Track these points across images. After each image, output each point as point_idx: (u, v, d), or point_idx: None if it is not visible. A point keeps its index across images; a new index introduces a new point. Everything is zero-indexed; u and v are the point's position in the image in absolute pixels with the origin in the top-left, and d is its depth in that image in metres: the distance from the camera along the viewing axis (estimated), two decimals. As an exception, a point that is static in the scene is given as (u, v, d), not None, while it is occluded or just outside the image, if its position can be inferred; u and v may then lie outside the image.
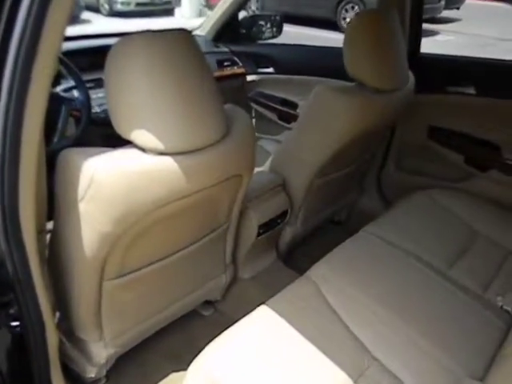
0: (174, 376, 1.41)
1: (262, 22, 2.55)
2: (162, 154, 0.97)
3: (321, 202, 1.84)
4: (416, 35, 1.96)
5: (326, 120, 1.48)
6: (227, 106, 1.15)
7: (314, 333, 1.11)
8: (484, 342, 1.19)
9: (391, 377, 1.07)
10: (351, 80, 1.53)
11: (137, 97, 0.93)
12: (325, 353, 1.07)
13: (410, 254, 1.45)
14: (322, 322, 1.17)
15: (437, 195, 1.77)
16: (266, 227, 1.58)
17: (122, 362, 1.38)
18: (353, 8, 8.78)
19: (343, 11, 8.93)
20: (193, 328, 1.58)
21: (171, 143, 0.96)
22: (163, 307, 1.38)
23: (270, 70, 2.43)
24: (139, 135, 0.95)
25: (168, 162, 0.98)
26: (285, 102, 2.35)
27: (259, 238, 1.58)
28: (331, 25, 8.69)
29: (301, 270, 1.69)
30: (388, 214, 1.67)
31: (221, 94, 1.06)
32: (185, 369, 1.07)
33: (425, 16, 2.02)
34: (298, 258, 1.91)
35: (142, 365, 1.44)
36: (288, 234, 1.78)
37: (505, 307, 1.32)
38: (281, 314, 1.15)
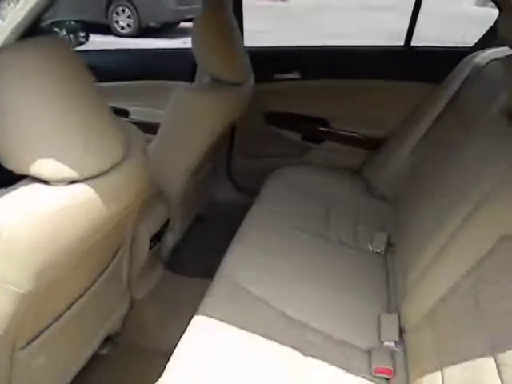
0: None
1: (56, 29, 2.34)
2: (72, 182, 0.85)
3: (193, 203, 1.84)
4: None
5: (193, 120, 1.49)
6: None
7: (251, 326, 1.14)
8: (377, 280, 1.42)
9: (330, 339, 1.18)
10: (182, 79, 1.58)
11: (26, 121, 0.79)
12: (269, 340, 1.12)
13: (293, 227, 1.60)
14: (254, 313, 1.21)
15: (287, 172, 1.97)
16: (155, 239, 1.51)
17: None
18: (123, 11, 8.65)
19: (114, 14, 8.72)
20: (100, 372, 1.42)
21: (82, 168, 0.84)
22: (77, 356, 1.22)
23: (91, 79, 2.26)
24: (42, 166, 0.81)
25: (83, 189, 0.86)
26: (115, 111, 2.23)
27: (150, 251, 1.51)
28: (105, 28, 8.38)
29: (190, 273, 1.69)
30: (261, 200, 1.78)
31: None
32: None
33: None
34: (183, 262, 1.88)
35: None
36: (170, 241, 1.74)
37: (375, 250, 1.58)
38: (215, 319, 1.14)
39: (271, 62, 2.08)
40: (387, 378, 1.10)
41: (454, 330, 0.98)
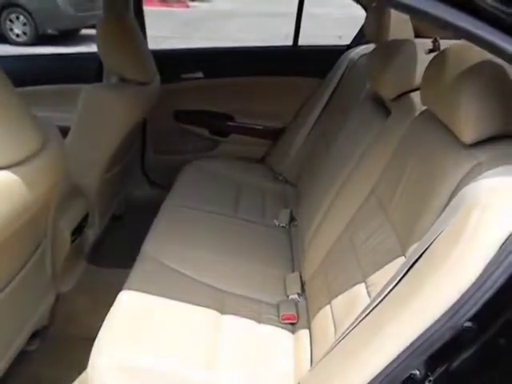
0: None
1: None
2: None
3: (110, 199, 1.93)
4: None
5: (102, 117, 1.60)
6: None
7: (173, 295, 1.27)
8: (282, 249, 1.64)
9: (244, 298, 1.36)
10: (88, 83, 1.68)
11: None
12: (189, 305, 1.26)
13: (206, 211, 1.76)
14: (174, 285, 1.35)
15: (198, 165, 2.13)
16: (76, 233, 1.59)
17: None
18: (18, 18, 8.22)
19: (8, 22, 8.25)
20: (31, 367, 1.47)
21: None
22: (4, 350, 1.26)
23: None
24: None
25: (4, 175, 0.94)
26: None
27: (72, 244, 1.58)
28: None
29: (112, 266, 1.78)
30: (172, 191, 1.91)
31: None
32: None
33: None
34: (104, 256, 1.95)
35: None
36: (90, 236, 1.81)
37: (281, 225, 1.80)
38: (139, 293, 1.26)
39: (176, 63, 2.23)
40: (293, 323, 1.31)
41: (338, 272, 1.21)
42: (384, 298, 0.84)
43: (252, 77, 2.25)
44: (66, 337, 1.58)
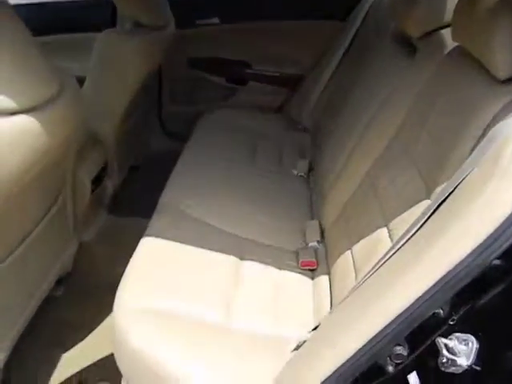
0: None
1: None
2: (12, 114, 0.93)
3: (128, 149, 1.92)
4: None
5: (118, 65, 1.56)
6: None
7: (193, 242, 1.27)
8: (301, 197, 1.63)
9: (263, 246, 1.36)
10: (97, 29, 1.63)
11: None
12: (209, 251, 1.26)
13: (224, 160, 1.74)
14: (195, 232, 1.34)
15: (215, 115, 2.10)
16: (96, 182, 1.60)
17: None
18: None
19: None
20: (56, 312, 1.52)
21: (20, 100, 0.92)
22: (31, 295, 1.30)
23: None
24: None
25: (22, 120, 0.94)
26: None
27: (92, 193, 1.59)
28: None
29: (131, 215, 1.79)
30: (190, 142, 1.89)
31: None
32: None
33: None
34: (123, 206, 1.97)
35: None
36: (110, 186, 1.82)
37: (299, 174, 1.78)
38: (161, 243, 1.26)
39: (191, 9, 2.14)
40: (312, 270, 1.31)
41: (359, 218, 1.19)
42: (407, 240, 0.82)
43: (270, 21, 2.15)
44: (90, 283, 1.63)
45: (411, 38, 1.36)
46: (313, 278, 1.28)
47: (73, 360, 1.38)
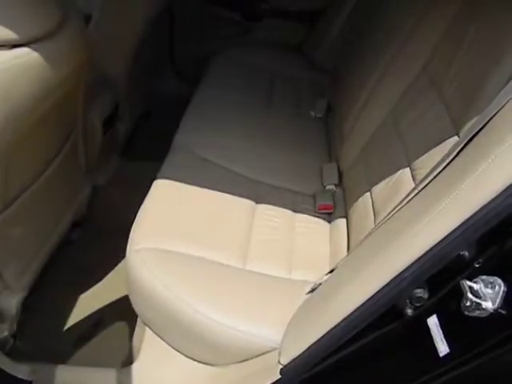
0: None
1: None
2: (14, 46, 0.88)
3: (139, 91, 1.86)
4: None
5: (126, 4, 1.48)
6: None
7: (207, 185, 1.24)
8: (319, 139, 1.56)
9: (279, 189, 1.32)
10: None
11: None
12: (225, 193, 1.23)
13: (239, 101, 1.67)
14: (209, 175, 1.31)
15: (230, 54, 1.99)
16: (107, 123, 1.56)
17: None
18: None
19: None
20: (72, 255, 1.52)
21: (22, 31, 0.88)
22: (47, 236, 1.31)
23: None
24: None
25: (25, 51, 0.90)
26: None
27: (104, 136, 1.55)
28: None
29: (145, 159, 1.75)
30: (203, 82, 1.81)
31: None
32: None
33: None
34: (136, 149, 1.94)
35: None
36: (122, 129, 1.78)
37: (317, 115, 1.70)
38: (175, 181, 1.22)
39: None
40: (329, 213, 1.27)
41: (380, 158, 1.13)
42: (433, 179, 0.76)
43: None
44: (106, 227, 1.62)
45: None
46: (330, 222, 1.25)
47: (89, 301, 1.40)
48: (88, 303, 1.40)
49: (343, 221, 1.21)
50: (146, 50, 1.77)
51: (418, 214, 0.69)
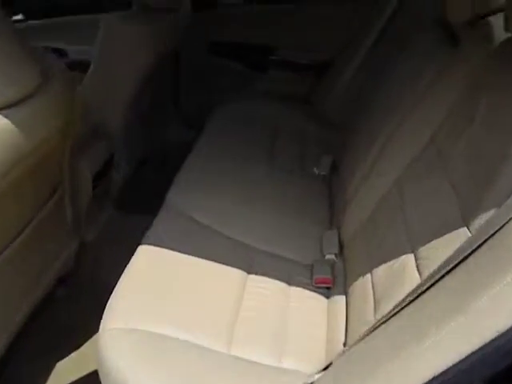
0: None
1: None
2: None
3: (138, 139, 1.81)
4: None
5: (125, 50, 1.44)
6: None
7: (196, 251, 1.16)
8: (321, 202, 1.47)
9: (274, 257, 1.23)
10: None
11: None
12: (214, 262, 1.14)
13: (238, 156, 1.60)
14: (199, 239, 1.23)
15: (233, 105, 1.94)
16: (100, 176, 1.49)
17: None
18: None
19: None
20: (55, 313, 1.43)
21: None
22: (29, 292, 1.23)
23: (19, 17, 2.11)
24: None
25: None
26: (53, 51, 2.11)
27: (95, 190, 1.48)
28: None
29: (141, 212, 1.68)
30: (204, 134, 1.75)
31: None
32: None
33: None
34: (132, 201, 1.87)
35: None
36: (117, 180, 1.71)
37: (321, 173, 1.62)
38: (161, 248, 1.15)
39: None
40: (328, 288, 1.17)
41: (382, 234, 1.03)
42: (442, 277, 0.66)
43: (295, 3, 1.96)
44: (94, 284, 1.54)
45: (453, 25, 1.16)
46: (328, 297, 1.14)
47: (66, 369, 1.31)
48: (64, 371, 1.30)
49: (342, 298, 1.10)
50: (148, 98, 1.73)
51: (425, 326, 0.59)
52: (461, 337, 0.54)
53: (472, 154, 0.84)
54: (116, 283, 1.05)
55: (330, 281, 1.16)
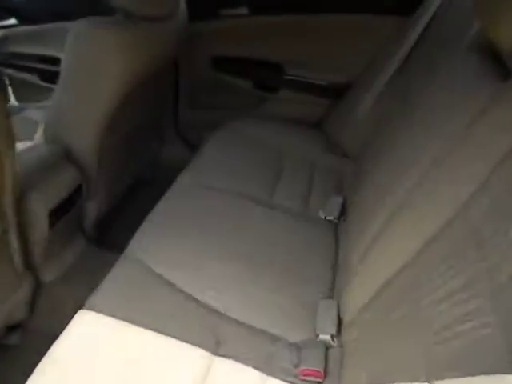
0: None
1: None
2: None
3: (121, 164, 1.58)
4: None
5: (99, 63, 1.21)
6: None
7: (151, 315, 0.94)
8: (323, 257, 1.19)
9: (250, 330, 0.97)
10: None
11: None
12: (177, 333, 0.90)
13: (231, 193, 1.35)
14: (161, 300, 0.99)
15: (236, 126, 1.70)
16: (59, 212, 1.26)
17: None
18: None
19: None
20: (10, 362, 1.22)
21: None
22: None
23: (12, 21, 1.94)
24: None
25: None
26: (44, 59, 1.93)
27: (55, 227, 1.26)
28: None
29: (120, 248, 1.44)
30: (198, 158, 1.52)
31: None
32: None
33: None
34: (113, 235, 1.64)
35: None
36: (92, 210, 1.49)
37: (327, 218, 1.34)
38: (112, 307, 0.94)
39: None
40: (318, 383, 0.89)
41: (388, 331, 0.75)
42: None
43: (310, 15, 1.69)
44: (48, 333, 1.32)
45: (503, 53, 0.86)
46: (317, 396, 0.87)
47: None
48: None
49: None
50: (132, 119, 1.50)
51: None
52: None
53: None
54: None
55: (321, 375, 0.88)
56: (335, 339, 0.95)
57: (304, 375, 0.89)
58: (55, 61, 1.90)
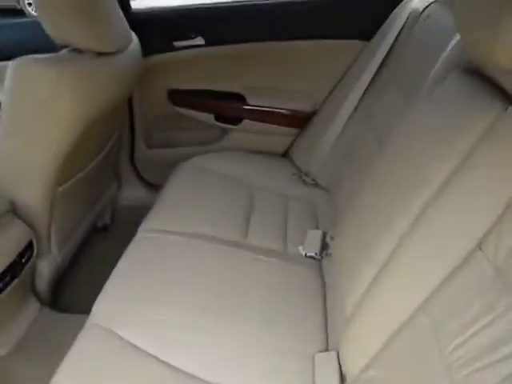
0: None
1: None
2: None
3: (75, 214, 1.43)
4: None
5: (42, 103, 1.07)
6: None
7: None
8: (309, 301, 1.08)
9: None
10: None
11: None
12: None
13: (200, 238, 1.23)
14: (127, 368, 0.86)
15: (199, 162, 1.60)
16: (7, 276, 1.10)
17: None
18: (35, -8, 7.76)
19: (26, -1, 7.84)
20: None
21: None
22: None
23: None
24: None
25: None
26: None
27: (2, 294, 1.09)
28: (20, 14, 7.54)
29: (78, 308, 1.28)
30: (160, 201, 1.40)
31: None
32: None
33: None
34: (69, 292, 1.47)
35: None
36: (45, 269, 1.32)
37: (308, 254, 1.25)
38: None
39: (167, 26, 1.64)
40: None
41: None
42: None
43: (270, 42, 1.64)
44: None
45: (498, 78, 0.79)
46: None
47: None
48: None
49: None
50: (84, 163, 1.37)
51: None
52: None
53: None
54: None
55: None
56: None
57: None
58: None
